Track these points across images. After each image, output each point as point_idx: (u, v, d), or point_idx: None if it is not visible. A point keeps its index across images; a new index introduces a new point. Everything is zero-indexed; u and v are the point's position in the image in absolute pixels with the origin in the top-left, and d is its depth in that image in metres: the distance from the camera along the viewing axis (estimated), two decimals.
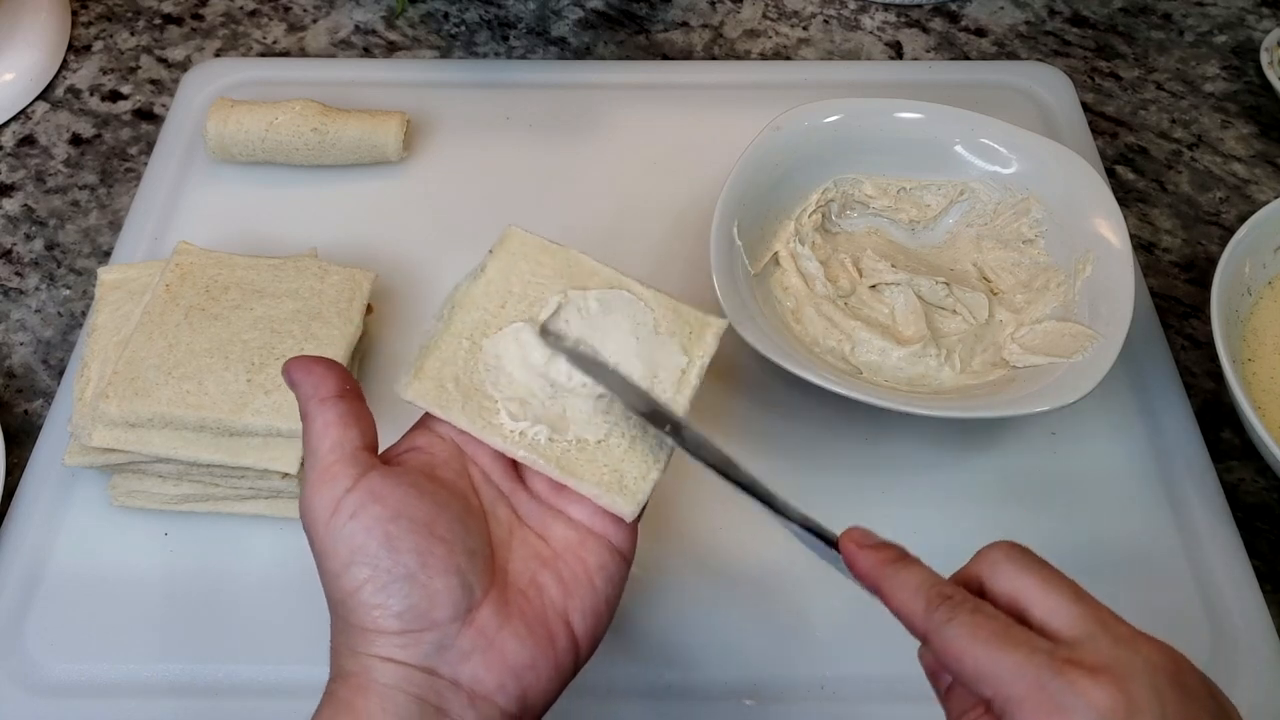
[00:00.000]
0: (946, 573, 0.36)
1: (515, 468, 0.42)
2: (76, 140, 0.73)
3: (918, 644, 0.36)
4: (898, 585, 0.36)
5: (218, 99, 0.67)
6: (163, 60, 0.77)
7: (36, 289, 0.65)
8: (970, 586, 0.36)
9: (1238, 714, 0.33)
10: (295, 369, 0.40)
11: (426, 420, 0.43)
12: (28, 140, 0.73)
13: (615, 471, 0.42)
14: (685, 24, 0.79)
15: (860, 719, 0.49)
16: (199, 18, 0.80)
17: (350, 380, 0.41)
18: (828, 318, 0.57)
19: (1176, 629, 0.50)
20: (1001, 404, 0.52)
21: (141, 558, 0.53)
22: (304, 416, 0.40)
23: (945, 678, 0.37)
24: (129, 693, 0.49)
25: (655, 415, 0.42)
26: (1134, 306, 0.53)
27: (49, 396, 0.60)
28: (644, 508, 0.42)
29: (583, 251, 0.47)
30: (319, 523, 0.37)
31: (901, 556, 0.37)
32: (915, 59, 0.77)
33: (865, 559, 0.37)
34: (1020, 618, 0.34)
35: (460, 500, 0.40)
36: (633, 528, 0.42)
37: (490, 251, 0.47)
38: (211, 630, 0.51)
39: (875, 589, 0.37)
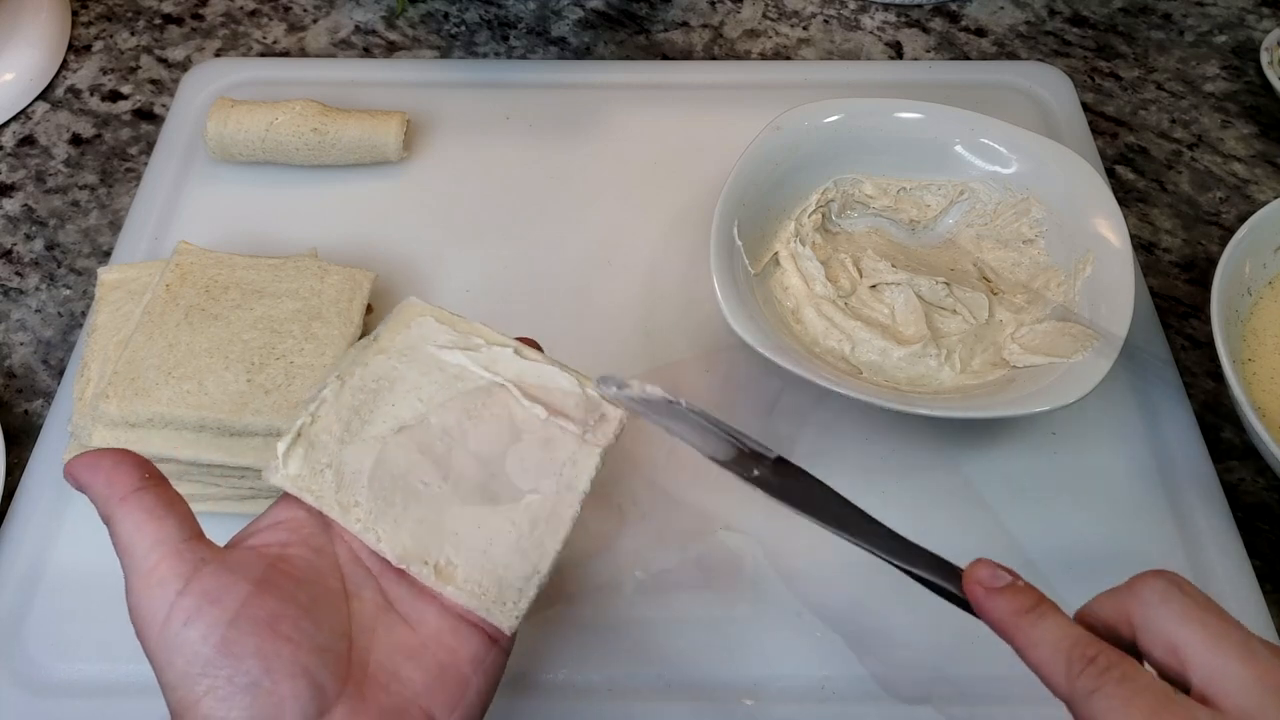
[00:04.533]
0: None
1: None
2: (76, 140, 0.73)
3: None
4: (1035, 640, 0.33)
5: (218, 99, 0.67)
6: (163, 60, 0.77)
7: (36, 289, 0.65)
8: (1119, 621, 0.33)
9: None
10: (80, 470, 0.36)
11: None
12: (28, 140, 0.73)
13: (495, 577, 0.38)
14: (685, 24, 0.79)
15: (860, 719, 0.49)
16: (199, 18, 0.80)
17: (148, 466, 0.37)
18: (828, 318, 0.57)
19: None
20: (1001, 404, 0.52)
21: None
22: (107, 520, 0.36)
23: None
24: (129, 693, 0.49)
25: (740, 459, 0.38)
26: (1134, 306, 0.53)
27: (49, 396, 0.60)
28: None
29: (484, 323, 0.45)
30: (151, 629, 0.34)
31: (1037, 604, 0.34)
32: (915, 59, 0.77)
33: (997, 606, 0.34)
34: (1178, 673, 0.31)
35: (313, 586, 0.36)
36: None
37: (385, 321, 0.45)
38: None
39: (1009, 640, 0.34)
